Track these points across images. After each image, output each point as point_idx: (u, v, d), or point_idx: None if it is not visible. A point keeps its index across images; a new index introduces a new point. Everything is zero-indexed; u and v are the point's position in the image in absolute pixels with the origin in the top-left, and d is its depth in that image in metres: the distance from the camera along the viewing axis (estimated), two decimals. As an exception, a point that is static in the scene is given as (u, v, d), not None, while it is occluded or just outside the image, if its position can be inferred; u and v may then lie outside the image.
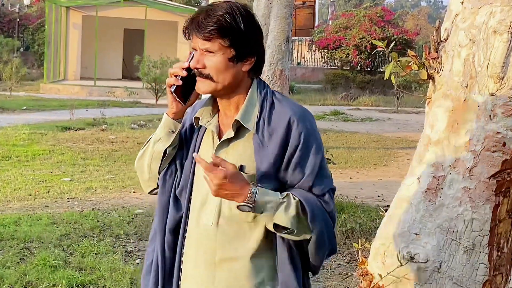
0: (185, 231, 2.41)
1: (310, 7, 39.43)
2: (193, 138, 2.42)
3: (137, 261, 6.20)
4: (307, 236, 2.25)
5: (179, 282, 2.41)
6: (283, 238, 2.28)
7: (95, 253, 6.33)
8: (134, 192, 9.32)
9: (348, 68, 35.23)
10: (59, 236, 6.85)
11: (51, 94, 27.20)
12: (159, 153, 2.38)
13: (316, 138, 2.32)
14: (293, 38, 38.13)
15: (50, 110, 20.38)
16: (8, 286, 5.39)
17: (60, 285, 5.43)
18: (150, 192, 2.52)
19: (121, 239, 6.91)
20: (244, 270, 2.33)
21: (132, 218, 7.68)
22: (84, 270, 5.86)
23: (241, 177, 2.20)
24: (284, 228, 2.22)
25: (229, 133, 2.32)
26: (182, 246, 2.41)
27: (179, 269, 2.41)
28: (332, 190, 2.33)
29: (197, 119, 2.37)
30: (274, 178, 2.28)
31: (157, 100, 24.14)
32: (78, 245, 6.56)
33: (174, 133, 2.37)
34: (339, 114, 22.70)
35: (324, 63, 38.60)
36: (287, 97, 2.43)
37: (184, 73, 2.28)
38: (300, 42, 41.07)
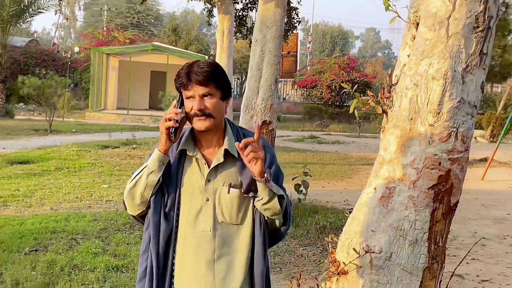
0: (175, 239, 2.38)
1: (293, 56, 39.82)
2: (174, 166, 2.38)
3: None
4: (280, 220, 2.37)
5: (172, 280, 2.38)
6: (259, 231, 2.38)
7: (127, 243, 6.33)
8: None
9: (321, 103, 35.35)
10: (99, 230, 6.85)
11: (94, 120, 27.27)
12: (153, 182, 2.31)
13: (276, 157, 2.46)
14: (280, 79, 38.32)
15: (93, 132, 20.40)
16: (60, 268, 5.38)
17: (99, 268, 5.42)
18: (137, 215, 2.46)
19: (147, 233, 6.89)
20: (237, 259, 2.38)
21: (155, 217, 7.67)
22: (118, 256, 5.86)
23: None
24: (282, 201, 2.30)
25: (218, 159, 2.35)
26: (173, 251, 2.38)
27: (172, 269, 2.39)
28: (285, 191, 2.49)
29: (182, 151, 2.37)
30: (254, 186, 2.32)
31: (175, 126, 23.79)
32: (114, 237, 6.56)
33: (163, 165, 2.32)
34: (314, 138, 22.76)
35: (303, 98, 38.69)
36: (248, 129, 2.52)
37: (179, 117, 2.25)
38: (285, 83, 41.21)
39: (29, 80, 21.10)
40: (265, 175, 2.21)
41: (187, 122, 2.35)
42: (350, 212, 3.06)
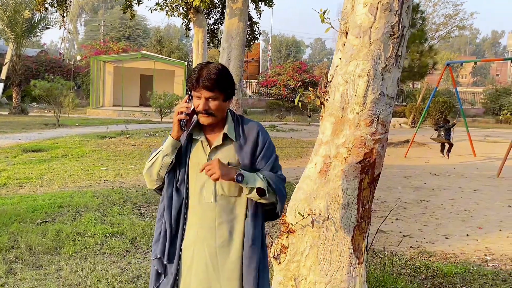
0: (186, 208, 2.32)
1: (256, 61, 39.70)
2: (183, 148, 2.31)
3: (147, 218, 6.13)
4: (273, 200, 2.24)
5: (182, 242, 2.31)
6: (252, 207, 2.26)
7: (121, 214, 6.25)
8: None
9: (280, 99, 35.35)
10: (98, 204, 6.73)
11: (94, 115, 26.70)
12: (167, 163, 2.27)
13: (271, 142, 2.35)
14: (246, 80, 38.18)
15: (93, 125, 19.99)
16: (65, 235, 5.29)
17: (98, 234, 5.35)
18: (155, 189, 2.39)
19: (137, 205, 6.80)
20: (236, 227, 2.28)
21: (145, 192, 7.58)
22: (114, 225, 5.78)
23: (225, 164, 2.17)
24: (262, 195, 2.19)
25: (218, 141, 2.28)
26: (184, 218, 2.31)
27: (182, 233, 2.32)
28: (281, 169, 2.34)
29: (190, 135, 2.31)
30: (250, 166, 2.26)
31: (161, 119, 23.63)
32: (110, 210, 6.46)
33: (176, 149, 2.27)
34: (274, 127, 22.74)
35: (265, 95, 38.65)
36: (247, 117, 2.41)
37: (189, 111, 2.20)
38: (250, 83, 41.06)
39: (39, 83, 20.58)
40: (237, 178, 2.15)
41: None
42: (296, 184, 3.08)
